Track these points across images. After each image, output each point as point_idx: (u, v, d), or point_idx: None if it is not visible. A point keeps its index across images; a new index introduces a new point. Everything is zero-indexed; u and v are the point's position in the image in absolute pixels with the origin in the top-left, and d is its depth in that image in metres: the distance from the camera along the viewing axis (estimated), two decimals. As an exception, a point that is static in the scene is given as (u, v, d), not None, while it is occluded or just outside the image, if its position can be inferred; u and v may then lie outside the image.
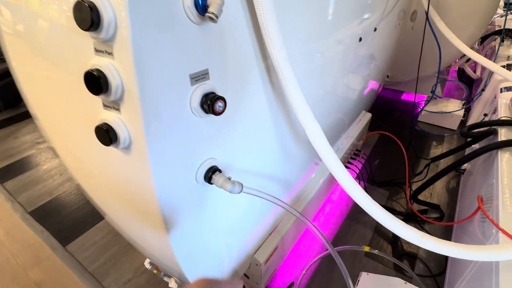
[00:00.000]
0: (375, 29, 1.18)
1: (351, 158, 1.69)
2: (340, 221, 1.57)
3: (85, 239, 1.54)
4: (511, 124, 1.30)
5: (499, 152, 1.18)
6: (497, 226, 0.87)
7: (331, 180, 1.60)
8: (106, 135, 0.42)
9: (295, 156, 1.00)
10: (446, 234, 1.47)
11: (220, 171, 0.56)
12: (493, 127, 1.35)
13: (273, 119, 0.74)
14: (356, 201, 0.65)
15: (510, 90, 1.67)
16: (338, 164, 0.63)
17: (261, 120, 0.70)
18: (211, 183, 0.55)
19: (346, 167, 1.63)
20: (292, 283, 1.29)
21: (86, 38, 0.41)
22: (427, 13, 1.60)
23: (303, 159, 1.11)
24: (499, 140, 1.24)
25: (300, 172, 1.15)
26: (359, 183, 1.68)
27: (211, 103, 0.46)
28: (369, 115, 1.87)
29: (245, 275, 1.15)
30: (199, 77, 0.47)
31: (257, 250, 1.04)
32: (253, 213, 0.93)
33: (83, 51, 0.43)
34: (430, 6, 1.59)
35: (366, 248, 1.16)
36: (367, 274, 1.25)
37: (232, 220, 0.82)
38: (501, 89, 1.74)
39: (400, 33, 1.75)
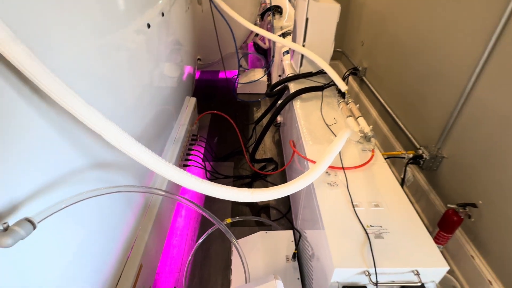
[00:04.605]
0: (163, 14, 1.17)
1: (191, 144, 1.71)
2: (201, 204, 1.60)
3: None
4: (295, 78, 1.66)
5: (293, 102, 1.49)
6: (304, 157, 1.11)
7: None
8: None
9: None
10: (283, 178, 1.79)
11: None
12: (285, 83, 1.68)
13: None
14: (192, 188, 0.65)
15: (288, 53, 2.11)
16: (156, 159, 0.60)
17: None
18: None
19: (189, 154, 1.64)
20: (174, 289, 1.23)
21: None
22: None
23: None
24: (290, 92, 1.56)
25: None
26: (205, 165, 1.73)
27: None
28: (193, 99, 1.92)
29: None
30: None
31: (117, 283, 0.90)
32: (98, 240, 0.78)
33: None
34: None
35: (228, 220, 1.24)
36: (237, 241, 1.35)
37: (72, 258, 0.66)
38: (283, 53, 2.18)
39: (193, 17, 1.83)
